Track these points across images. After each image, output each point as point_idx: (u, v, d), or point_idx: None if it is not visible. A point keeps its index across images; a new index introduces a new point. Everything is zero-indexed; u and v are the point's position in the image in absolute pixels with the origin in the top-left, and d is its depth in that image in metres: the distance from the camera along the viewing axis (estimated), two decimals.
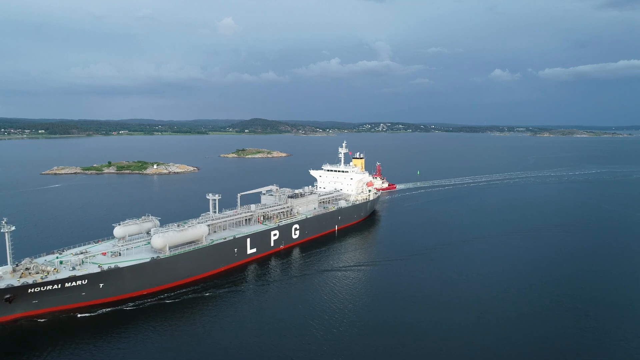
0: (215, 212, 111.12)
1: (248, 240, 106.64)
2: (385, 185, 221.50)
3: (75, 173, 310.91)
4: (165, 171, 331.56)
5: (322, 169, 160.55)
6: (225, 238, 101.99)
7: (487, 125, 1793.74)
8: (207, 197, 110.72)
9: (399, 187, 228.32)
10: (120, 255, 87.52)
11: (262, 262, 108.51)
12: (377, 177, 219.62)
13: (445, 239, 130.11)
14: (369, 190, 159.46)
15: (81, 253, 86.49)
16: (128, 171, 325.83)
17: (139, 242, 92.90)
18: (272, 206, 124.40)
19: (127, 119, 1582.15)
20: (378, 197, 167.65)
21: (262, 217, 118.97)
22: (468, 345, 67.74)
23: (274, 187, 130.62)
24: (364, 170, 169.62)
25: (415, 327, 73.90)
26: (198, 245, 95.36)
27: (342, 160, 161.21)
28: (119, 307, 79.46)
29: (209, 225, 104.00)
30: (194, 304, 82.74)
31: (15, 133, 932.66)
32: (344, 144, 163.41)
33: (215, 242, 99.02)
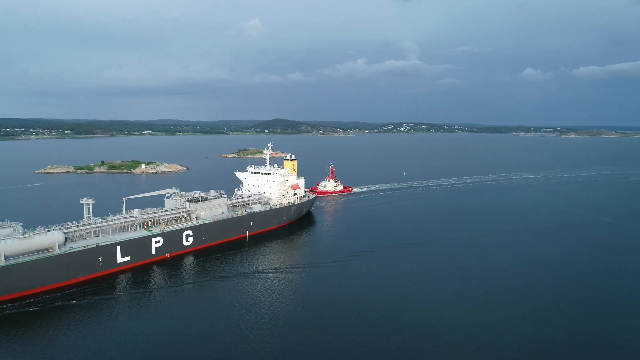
0: (89, 217, 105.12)
1: (118, 247, 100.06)
2: (339, 187, 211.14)
3: (67, 172, 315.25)
4: (152, 171, 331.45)
5: (247, 170, 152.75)
6: (87, 246, 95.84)
7: (514, 125, 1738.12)
8: (81, 201, 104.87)
9: (356, 189, 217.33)
10: None
11: (137, 271, 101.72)
12: (331, 180, 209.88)
13: (375, 243, 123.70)
14: (295, 194, 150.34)
15: None
16: (118, 170, 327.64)
17: None
18: (166, 211, 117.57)
19: (155, 119, 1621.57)
20: (309, 200, 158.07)
21: (149, 222, 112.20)
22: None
23: (173, 190, 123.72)
24: (296, 172, 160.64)
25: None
26: (46, 254, 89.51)
27: (268, 162, 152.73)
28: None
29: (73, 232, 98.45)
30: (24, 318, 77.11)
31: (43, 133, 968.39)
32: (269, 145, 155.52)
33: (70, 251, 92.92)
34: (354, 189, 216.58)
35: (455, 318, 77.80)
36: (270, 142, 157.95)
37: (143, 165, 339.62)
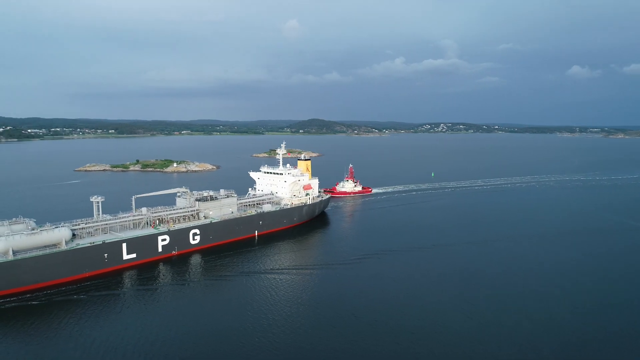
0: (99, 214, 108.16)
1: (124, 245, 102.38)
2: (358, 188, 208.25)
3: (104, 170, 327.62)
4: (183, 169, 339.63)
5: (261, 170, 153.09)
6: (93, 243, 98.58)
7: (557, 125, 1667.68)
8: (91, 199, 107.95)
9: (376, 190, 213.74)
10: None
11: (143, 268, 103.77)
12: (349, 180, 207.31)
13: (388, 245, 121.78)
14: (307, 194, 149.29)
15: None
16: (151, 169, 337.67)
17: None
18: (174, 209, 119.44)
19: (194, 119, 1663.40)
20: (322, 201, 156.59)
21: (156, 221, 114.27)
22: None
23: (183, 189, 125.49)
24: (310, 173, 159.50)
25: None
26: (53, 250, 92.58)
27: (281, 162, 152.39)
28: None
29: (81, 229, 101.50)
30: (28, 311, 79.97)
31: (89, 132, 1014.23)
32: (282, 145, 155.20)
33: (76, 247, 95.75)
34: (374, 190, 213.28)
35: (459, 323, 74.86)
36: (284, 142, 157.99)
37: (175, 164, 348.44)
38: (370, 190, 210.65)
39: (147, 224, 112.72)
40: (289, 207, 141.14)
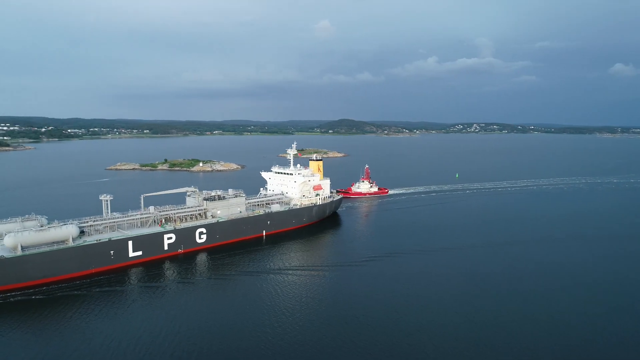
0: (108, 212, 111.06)
1: (130, 242, 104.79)
2: (374, 189, 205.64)
3: (133, 169, 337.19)
4: (209, 169, 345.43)
5: (272, 170, 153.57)
6: (99, 240, 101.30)
7: (597, 125, 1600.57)
8: (100, 197, 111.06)
9: (393, 191, 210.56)
10: None
11: (149, 266, 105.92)
12: (365, 181, 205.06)
13: (398, 246, 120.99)
14: (317, 194, 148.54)
15: None
16: (178, 168, 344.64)
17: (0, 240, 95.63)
18: (182, 208, 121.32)
19: (227, 119, 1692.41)
20: (333, 201, 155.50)
21: (163, 219, 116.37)
22: None
23: (192, 189, 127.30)
24: (322, 173, 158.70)
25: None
26: (60, 247, 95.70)
27: (291, 162, 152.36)
28: None
29: (89, 227, 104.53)
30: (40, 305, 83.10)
31: (125, 132, 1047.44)
32: (293, 145, 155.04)
33: (83, 244, 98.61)
34: (391, 191, 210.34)
35: (474, 330, 72.98)
36: (295, 143, 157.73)
37: (201, 164, 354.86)
38: (387, 191, 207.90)
39: (155, 222, 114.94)
40: (298, 207, 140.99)
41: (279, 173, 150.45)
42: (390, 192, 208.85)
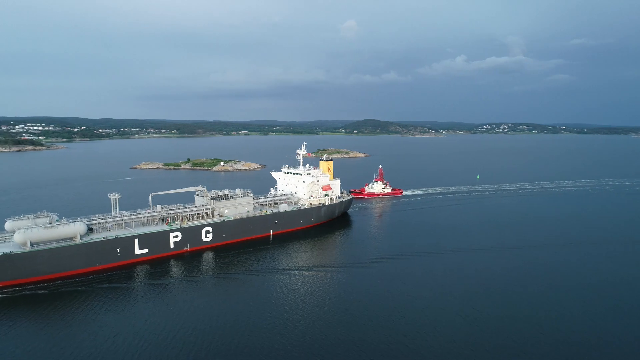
0: (116, 210, 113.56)
1: (136, 240, 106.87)
2: (388, 190, 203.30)
3: (157, 168, 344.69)
4: (230, 168, 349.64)
5: (281, 170, 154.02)
6: (106, 237, 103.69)
7: (634, 126, 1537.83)
8: (109, 196, 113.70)
9: (407, 192, 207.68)
10: None
11: (155, 263, 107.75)
12: (379, 181, 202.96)
13: (407, 248, 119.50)
14: (326, 195, 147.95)
15: None
16: (200, 167, 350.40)
17: (11, 236, 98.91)
18: (188, 207, 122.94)
19: (253, 119, 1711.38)
20: (343, 202, 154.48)
21: (170, 218, 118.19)
22: None
23: (200, 188, 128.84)
24: (332, 174, 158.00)
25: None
26: (67, 243, 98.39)
27: (301, 162, 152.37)
28: None
29: (97, 224, 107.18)
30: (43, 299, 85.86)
31: (153, 132, 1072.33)
32: (303, 146, 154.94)
33: (90, 241, 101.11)
34: (406, 192, 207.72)
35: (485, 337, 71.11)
36: (305, 143, 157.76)
37: (222, 163, 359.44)
38: (401, 192, 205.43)
39: (162, 220, 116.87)
40: (306, 207, 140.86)
41: (288, 173, 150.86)
42: (405, 192, 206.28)
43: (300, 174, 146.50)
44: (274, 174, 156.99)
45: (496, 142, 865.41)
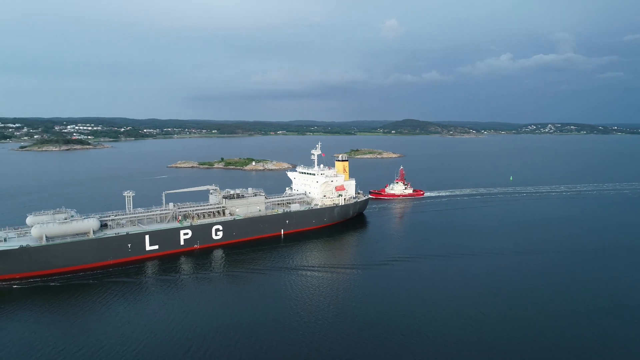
0: (130, 208, 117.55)
1: (147, 237, 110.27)
2: (408, 191, 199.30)
3: (192, 167, 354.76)
4: (261, 168, 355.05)
5: (297, 170, 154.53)
6: (118, 233, 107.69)
7: None
8: (124, 194, 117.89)
9: (430, 193, 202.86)
10: (4, 241, 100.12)
11: (165, 259, 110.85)
12: (399, 182, 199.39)
13: (422, 250, 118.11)
14: (339, 195, 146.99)
15: None
16: (232, 167, 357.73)
17: (30, 230, 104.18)
18: (200, 205, 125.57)
19: (292, 120, 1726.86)
20: (358, 202, 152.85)
21: (181, 216, 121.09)
22: None
23: (213, 187, 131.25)
24: (347, 174, 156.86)
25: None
26: (81, 238, 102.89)
27: (316, 162, 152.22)
28: None
29: (111, 220, 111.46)
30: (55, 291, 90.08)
31: (195, 132, 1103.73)
32: (318, 146, 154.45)
33: (102, 237, 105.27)
34: (428, 193, 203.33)
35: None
36: (319, 143, 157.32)
37: (253, 163, 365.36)
38: (422, 193, 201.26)
39: (174, 218, 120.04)
40: (318, 207, 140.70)
41: (302, 173, 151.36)
42: (427, 194, 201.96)
43: (314, 174, 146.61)
44: (290, 174, 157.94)
45: (540, 143, 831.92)
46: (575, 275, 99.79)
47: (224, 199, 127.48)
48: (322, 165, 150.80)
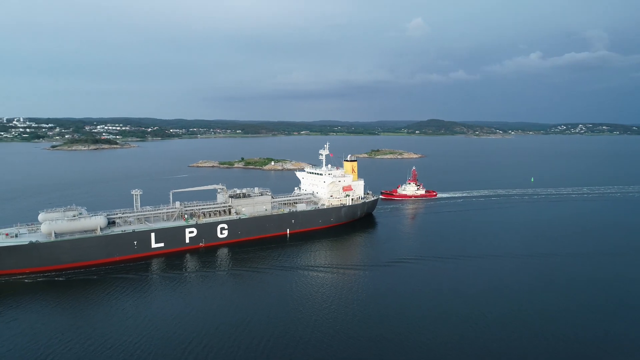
0: (137, 206, 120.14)
1: (152, 234, 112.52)
2: (421, 192, 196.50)
3: (212, 166, 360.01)
4: (280, 168, 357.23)
5: (305, 170, 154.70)
6: (124, 231, 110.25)
7: None
8: (132, 192, 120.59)
9: (443, 194, 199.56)
10: (16, 237, 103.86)
11: (170, 256, 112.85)
12: (412, 183, 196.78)
13: (425, 252, 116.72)
14: (347, 195, 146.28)
15: None
16: (252, 166, 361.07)
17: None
18: (206, 204, 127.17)
19: (316, 120, 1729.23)
20: (366, 203, 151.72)
21: (186, 215, 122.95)
22: None
23: (220, 186, 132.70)
24: (356, 174, 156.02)
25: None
26: (88, 235, 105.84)
27: (324, 162, 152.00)
28: None
29: (119, 218, 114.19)
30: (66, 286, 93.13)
31: (220, 132, 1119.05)
32: (326, 146, 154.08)
33: (109, 234, 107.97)
34: (441, 194, 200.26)
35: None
36: (327, 143, 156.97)
37: (272, 163, 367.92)
38: (435, 194, 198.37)
39: (180, 216, 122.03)
40: (325, 207, 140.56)
41: (310, 173, 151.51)
42: (440, 195, 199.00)
43: (321, 174, 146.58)
44: (298, 174, 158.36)
45: (569, 144, 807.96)
46: (591, 277, 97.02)
47: (230, 198, 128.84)
48: (329, 166, 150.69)
